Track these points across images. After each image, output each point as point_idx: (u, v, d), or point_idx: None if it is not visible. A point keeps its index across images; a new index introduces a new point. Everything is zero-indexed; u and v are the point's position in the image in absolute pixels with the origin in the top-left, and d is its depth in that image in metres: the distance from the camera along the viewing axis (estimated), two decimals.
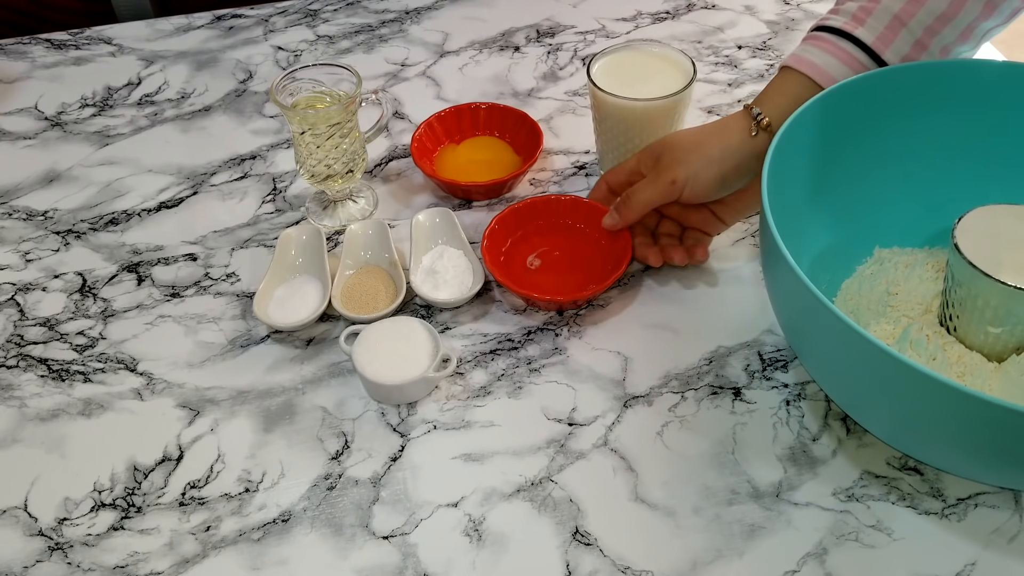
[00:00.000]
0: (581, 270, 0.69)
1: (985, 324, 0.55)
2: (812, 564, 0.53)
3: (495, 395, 0.62)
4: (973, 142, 0.64)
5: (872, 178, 0.65)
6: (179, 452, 0.60)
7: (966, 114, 0.63)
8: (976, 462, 0.50)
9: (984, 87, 0.62)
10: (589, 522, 0.55)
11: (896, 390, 0.47)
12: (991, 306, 0.54)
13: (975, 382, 0.55)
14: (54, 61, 0.94)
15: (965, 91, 0.62)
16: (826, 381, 0.55)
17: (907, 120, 0.63)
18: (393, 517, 0.56)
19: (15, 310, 0.69)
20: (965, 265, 0.53)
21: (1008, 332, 0.55)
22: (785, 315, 0.56)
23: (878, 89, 0.61)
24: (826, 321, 0.47)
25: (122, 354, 0.66)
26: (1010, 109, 0.62)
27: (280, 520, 0.56)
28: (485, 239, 0.69)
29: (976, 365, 0.56)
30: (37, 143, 0.84)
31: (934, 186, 0.65)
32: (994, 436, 0.46)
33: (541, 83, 0.89)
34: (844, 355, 0.50)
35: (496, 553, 0.54)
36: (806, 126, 0.59)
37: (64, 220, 0.77)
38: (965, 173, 0.64)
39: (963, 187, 0.63)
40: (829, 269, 0.64)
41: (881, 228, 0.65)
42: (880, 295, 0.62)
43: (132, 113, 0.87)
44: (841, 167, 0.64)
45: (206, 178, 0.80)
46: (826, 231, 0.64)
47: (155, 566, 0.54)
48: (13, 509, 0.57)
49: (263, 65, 0.93)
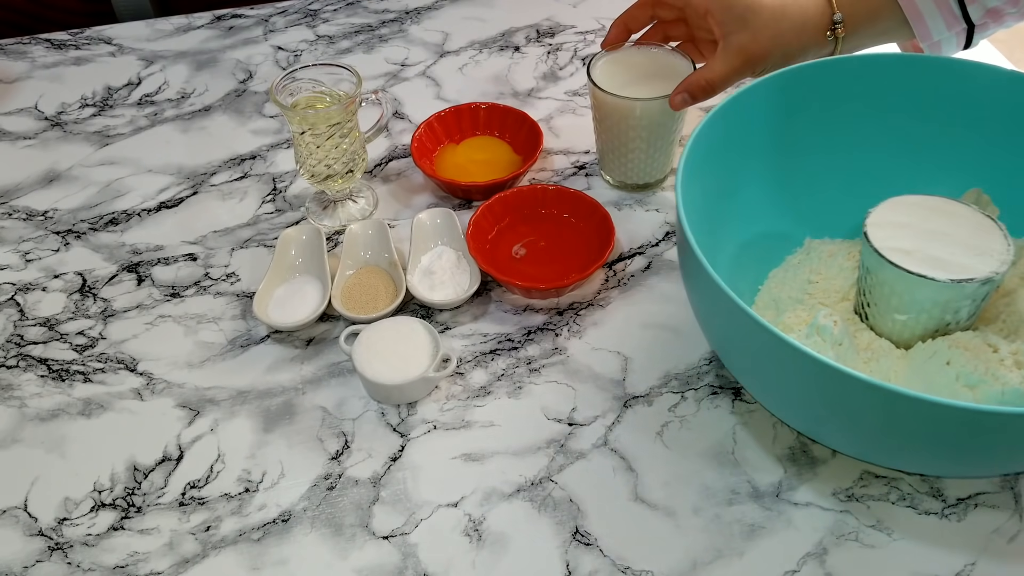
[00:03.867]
0: (566, 259, 0.69)
1: (892, 311, 0.56)
2: (812, 564, 0.53)
3: (495, 395, 0.62)
4: (901, 134, 0.65)
5: (803, 168, 0.65)
6: (179, 452, 0.60)
7: (894, 107, 0.64)
8: (864, 443, 0.51)
9: (913, 81, 0.63)
10: (589, 522, 0.55)
11: (782, 370, 0.49)
12: (896, 293, 0.55)
13: (880, 367, 0.56)
14: (54, 61, 0.94)
15: (899, 84, 0.63)
16: (728, 362, 0.56)
17: (833, 111, 0.64)
18: (393, 517, 0.56)
19: (15, 310, 0.69)
20: (872, 253, 0.54)
21: (913, 319, 0.55)
22: (691, 296, 0.57)
23: (812, 79, 0.62)
24: (720, 300, 0.48)
25: (122, 354, 0.66)
26: (941, 103, 0.63)
27: (280, 520, 0.56)
28: (470, 226, 0.69)
29: (884, 351, 0.57)
30: (37, 143, 0.84)
31: (864, 176, 0.65)
32: (875, 417, 0.47)
33: (541, 83, 0.89)
34: (734, 334, 0.51)
35: (496, 553, 0.54)
36: (735, 114, 0.60)
37: (64, 220, 0.77)
38: (894, 163, 0.65)
39: (893, 178, 0.63)
40: (761, 258, 0.65)
41: (812, 218, 0.66)
42: (802, 284, 0.63)
43: (132, 113, 0.87)
44: (773, 157, 0.65)
45: (206, 178, 0.80)
46: (757, 221, 0.65)
47: (155, 566, 0.54)
48: (13, 509, 0.57)
49: (263, 65, 0.93)
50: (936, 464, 0.52)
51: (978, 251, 0.54)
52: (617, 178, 0.77)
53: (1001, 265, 0.53)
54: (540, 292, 0.67)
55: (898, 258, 0.54)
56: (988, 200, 0.63)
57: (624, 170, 0.76)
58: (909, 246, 0.54)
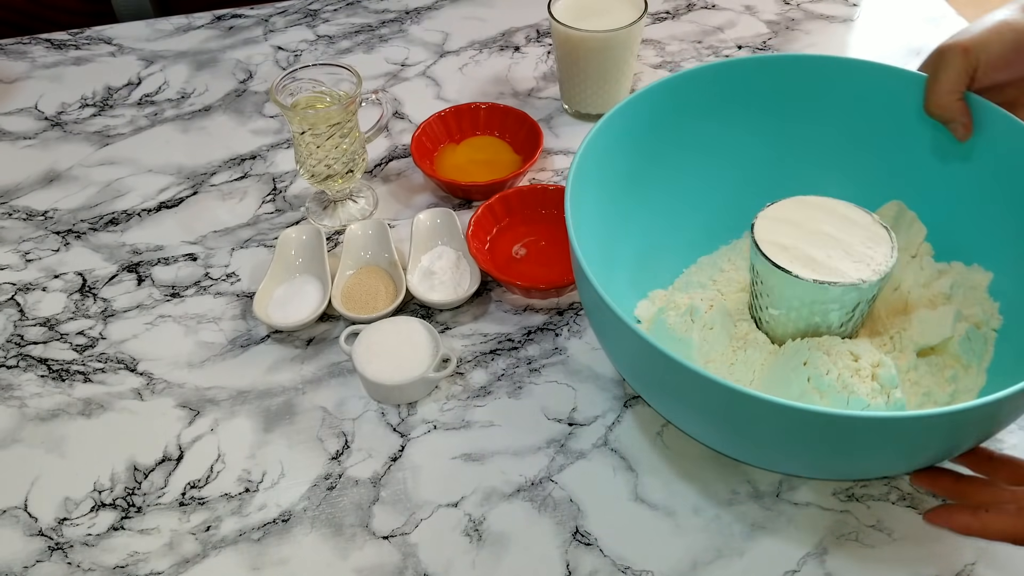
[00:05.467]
0: (566, 259, 0.69)
1: (768, 305, 0.56)
2: (812, 564, 0.53)
3: (495, 395, 0.62)
4: (804, 134, 0.65)
5: (687, 177, 0.65)
6: (179, 452, 0.60)
7: (797, 104, 0.64)
8: (712, 435, 0.51)
9: (801, 83, 0.63)
10: (589, 522, 0.55)
11: (618, 345, 0.50)
12: (768, 287, 0.55)
13: (747, 357, 0.57)
14: (54, 61, 0.94)
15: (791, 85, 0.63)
16: (611, 358, 0.56)
17: (744, 112, 0.64)
18: (393, 517, 0.56)
19: (15, 310, 0.69)
20: (752, 244, 0.55)
21: (784, 316, 0.55)
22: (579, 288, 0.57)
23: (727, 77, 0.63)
24: (588, 291, 0.49)
25: (122, 354, 0.66)
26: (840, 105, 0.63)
27: (280, 520, 0.56)
28: (470, 226, 0.69)
29: (756, 344, 0.57)
30: (37, 143, 0.84)
31: (758, 181, 0.65)
32: (685, 395, 0.48)
33: (541, 83, 0.89)
34: (602, 323, 0.51)
35: (496, 553, 0.54)
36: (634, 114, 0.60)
37: (64, 220, 0.77)
38: (793, 168, 0.65)
39: (797, 181, 0.62)
40: (699, 243, 0.66)
41: (709, 225, 0.66)
42: (714, 271, 0.64)
43: (132, 113, 0.87)
44: (675, 160, 0.64)
45: (206, 178, 0.80)
46: (669, 224, 0.65)
47: (155, 566, 0.54)
48: (13, 509, 0.57)
49: (263, 65, 0.93)
50: (776, 459, 0.51)
51: (858, 258, 0.53)
52: (574, 107, 0.84)
53: (872, 275, 0.52)
54: (540, 292, 0.67)
55: (771, 251, 0.54)
56: (913, 217, 0.63)
57: (582, 99, 0.83)
58: (789, 242, 0.54)
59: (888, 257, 0.53)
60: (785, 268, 0.53)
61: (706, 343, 0.56)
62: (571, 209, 0.52)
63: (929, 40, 0.92)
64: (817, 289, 0.52)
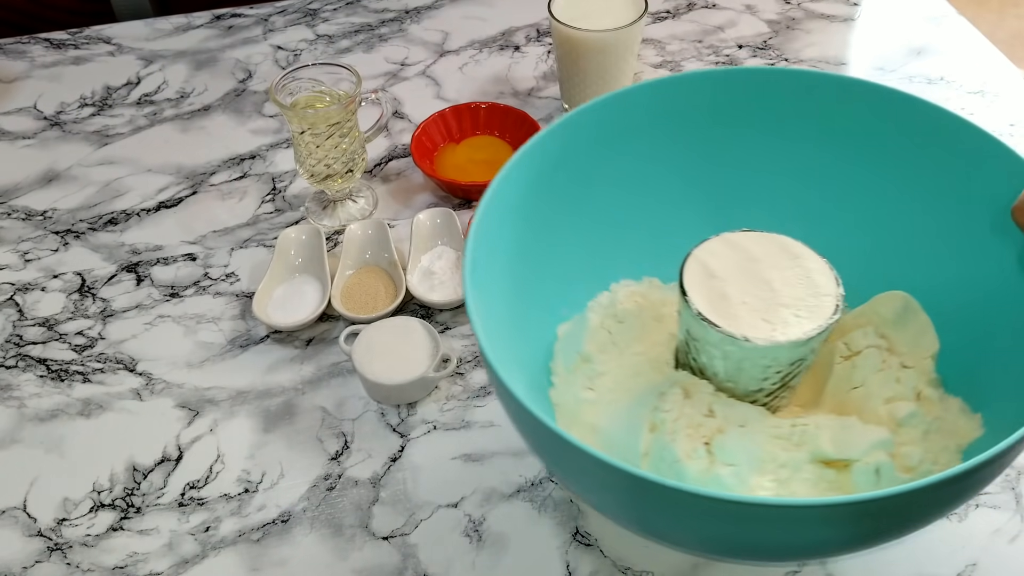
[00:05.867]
0: None
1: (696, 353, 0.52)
2: (813, 564, 0.53)
3: (495, 395, 0.62)
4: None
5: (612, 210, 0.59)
6: (178, 452, 0.60)
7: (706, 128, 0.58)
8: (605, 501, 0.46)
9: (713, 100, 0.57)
10: (589, 522, 0.55)
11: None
12: (693, 334, 0.50)
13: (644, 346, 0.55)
14: (53, 61, 0.94)
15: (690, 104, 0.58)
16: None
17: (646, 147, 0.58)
18: (393, 517, 0.56)
19: (14, 310, 0.69)
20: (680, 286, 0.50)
21: (709, 364, 0.51)
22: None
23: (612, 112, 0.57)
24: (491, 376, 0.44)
25: (121, 354, 0.66)
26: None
27: (280, 521, 0.56)
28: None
29: (656, 347, 0.55)
30: (36, 143, 0.84)
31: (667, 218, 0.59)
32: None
33: (541, 83, 0.89)
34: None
35: (496, 553, 0.54)
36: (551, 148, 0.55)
37: (63, 220, 0.77)
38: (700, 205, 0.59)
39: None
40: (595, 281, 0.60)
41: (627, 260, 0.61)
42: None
43: (131, 113, 0.87)
44: (579, 201, 0.58)
45: (205, 178, 0.80)
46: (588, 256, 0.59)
47: (154, 567, 0.54)
48: (12, 509, 0.57)
49: (262, 64, 0.92)
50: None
51: (788, 314, 0.47)
52: (574, 107, 0.78)
53: (780, 336, 0.47)
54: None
55: (695, 292, 0.49)
56: (927, 322, 0.54)
57: (582, 99, 0.81)
58: (721, 282, 0.49)
59: (823, 318, 0.47)
60: (704, 315, 0.48)
61: (619, 336, 0.54)
62: (471, 277, 0.46)
63: (930, 39, 0.92)
64: (727, 341, 0.47)
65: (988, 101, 0.84)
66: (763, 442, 0.49)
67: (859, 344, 0.54)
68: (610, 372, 0.55)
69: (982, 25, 2.06)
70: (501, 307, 0.50)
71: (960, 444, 0.50)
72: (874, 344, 0.53)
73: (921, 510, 0.41)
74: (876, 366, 0.52)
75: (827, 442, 0.49)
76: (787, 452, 0.49)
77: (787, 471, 0.49)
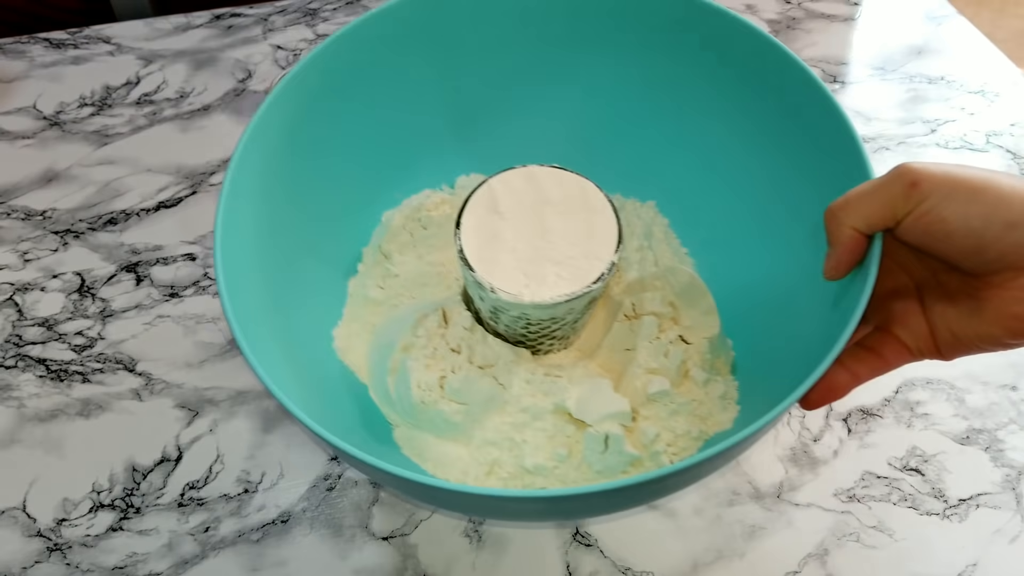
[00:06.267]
0: None
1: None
2: (813, 565, 0.53)
3: None
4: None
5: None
6: (178, 453, 0.60)
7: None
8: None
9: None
10: (589, 523, 0.55)
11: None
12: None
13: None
14: (52, 60, 0.94)
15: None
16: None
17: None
18: (392, 518, 0.56)
19: (13, 310, 0.69)
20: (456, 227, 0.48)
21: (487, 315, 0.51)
22: None
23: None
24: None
25: (121, 354, 0.66)
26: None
27: (279, 521, 0.56)
28: None
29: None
30: (35, 143, 0.84)
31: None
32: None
33: None
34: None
35: (496, 554, 0.54)
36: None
37: (63, 220, 0.76)
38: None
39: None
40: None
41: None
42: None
43: (131, 112, 0.87)
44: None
45: (205, 178, 0.80)
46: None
47: (154, 567, 0.54)
48: (12, 510, 0.57)
49: (262, 64, 0.92)
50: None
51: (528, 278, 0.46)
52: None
53: (532, 296, 0.45)
54: None
55: (469, 214, 0.47)
56: (711, 306, 0.53)
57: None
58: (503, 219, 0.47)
59: (582, 284, 0.45)
60: (463, 250, 0.46)
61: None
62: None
63: (930, 39, 0.92)
64: (479, 286, 0.46)
65: (988, 101, 0.84)
66: (513, 384, 0.49)
67: (644, 308, 0.52)
68: (403, 275, 0.55)
69: (982, 25, 2.07)
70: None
71: (706, 432, 0.50)
72: (658, 311, 0.52)
73: (600, 507, 0.44)
74: (651, 335, 0.51)
75: (572, 400, 0.49)
76: (533, 398, 0.50)
77: (527, 416, 0.50)
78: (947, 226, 0.38)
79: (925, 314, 0.42)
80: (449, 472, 0.50)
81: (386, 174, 0.59)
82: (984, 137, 0.80)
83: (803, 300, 0.47)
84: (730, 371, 0.53)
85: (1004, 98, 0.84)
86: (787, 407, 0.38)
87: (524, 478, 0.49)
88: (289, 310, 0.51)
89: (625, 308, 0.53)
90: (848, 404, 0.61)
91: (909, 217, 0.39)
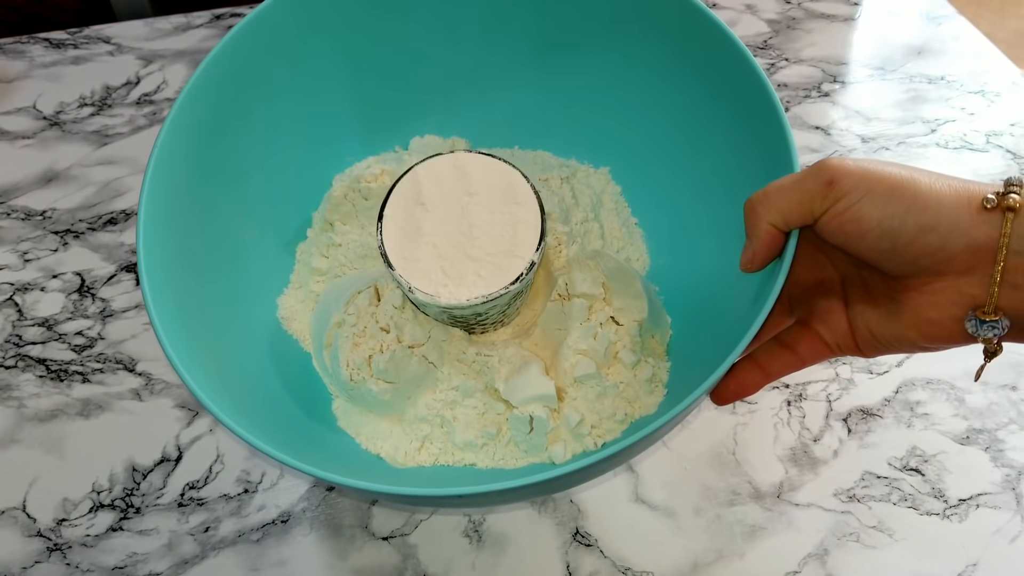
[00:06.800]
0: None
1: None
2: (813, 565, 0.53)
3: None
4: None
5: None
6: (178, 453, 0.60)
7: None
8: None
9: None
10: (589, 523, 0.55)
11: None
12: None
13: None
14: (52, 60, 0.94)
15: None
16: None
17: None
18: (392, 518, 0.56)
19: (13, 310, 0.69)
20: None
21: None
22: None
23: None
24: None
25: (121, 354, 0.66)
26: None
27: (279, 521, 0.56)
28: None
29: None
30: (35, 142, 0.84)
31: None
32: None
33: None
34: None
35: (496, 554, 0.54)
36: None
37: (63, 220, 0.76)
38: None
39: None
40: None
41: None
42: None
43: (131, 112, 0.87)
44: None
45: None
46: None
47: (154, 567, 0.54)
48: (12, 510, 0.57)
49: None
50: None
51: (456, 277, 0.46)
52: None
53: (452, 298, 0.45)
54: None
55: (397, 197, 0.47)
56: (629, 272, 0.52)
57: None
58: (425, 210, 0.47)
59: (500, 284, 0.45)
60: (380, 237, 0.46)
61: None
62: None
63: (930, 39, 0.92)
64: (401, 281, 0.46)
65: (988, 101, 0.84)
66: (444, 363, 0.50)
67: (576, 288, 0.52)
68: (345, 245, 0.55)
69: (982, 25, 2.06)
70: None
71: (632, 415, 0.49)
72: (590, 292, 0.51)
73: (515, 498, 0.47)
74: (581, 316, 0.51)
75: (501, 380, 0.49)
76: (464, 377, 0.50)
77: (458, 394, 0.50)
78: (862, 226, 0.37)
79: (847, 312, 0.42)
80: (381, 446, 0.50)
81: (333, 139, 0.57)
82: (984, 137, 0.80)
83: (733, 290, 0.45)
84: (665, 351, 0.52)
85: (1004, 98, 0.84)
86: (693, 401, 0.37)
87: (455, 453, 0.50)
88: (230, 285, 0.51)
89: (559, 288, 0.53)
90: (848, 404, 0.61)
91: (826, 215, 0.38)
